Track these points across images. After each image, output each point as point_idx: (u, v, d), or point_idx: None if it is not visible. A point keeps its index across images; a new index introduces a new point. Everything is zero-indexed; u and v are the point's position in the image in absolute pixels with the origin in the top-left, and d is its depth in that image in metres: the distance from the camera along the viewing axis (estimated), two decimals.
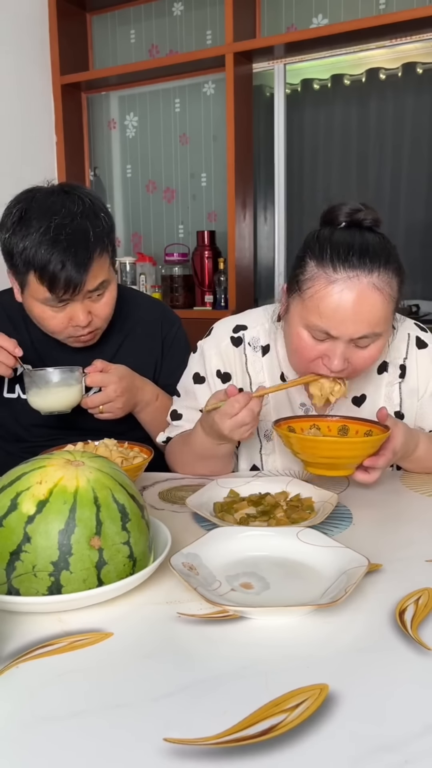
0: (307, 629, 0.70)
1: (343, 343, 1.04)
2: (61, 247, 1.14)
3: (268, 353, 1.23)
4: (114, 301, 1.28)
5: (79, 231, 1.16)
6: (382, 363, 1.22)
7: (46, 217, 1.15)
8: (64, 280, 1.15)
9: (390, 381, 1.23)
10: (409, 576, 0.81)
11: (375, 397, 1.23)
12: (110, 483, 0.76)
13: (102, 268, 1.21)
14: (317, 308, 1.03)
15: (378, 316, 1.03)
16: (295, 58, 2.92)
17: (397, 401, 1.23)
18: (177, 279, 3.13)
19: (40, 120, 3.21)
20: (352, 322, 1.02)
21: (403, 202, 2.88)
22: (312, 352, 1.07)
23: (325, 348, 1.06)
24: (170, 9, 3.16)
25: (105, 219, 1.22)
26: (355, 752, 0.53)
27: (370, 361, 1.09)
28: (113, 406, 1.25)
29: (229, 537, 0.87)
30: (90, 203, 1.21)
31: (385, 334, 1.08)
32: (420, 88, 2.78)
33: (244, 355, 1.24)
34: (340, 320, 1.02)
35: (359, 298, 1.01)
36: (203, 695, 0.60)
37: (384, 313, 1.03)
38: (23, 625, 0.71)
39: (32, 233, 1.15)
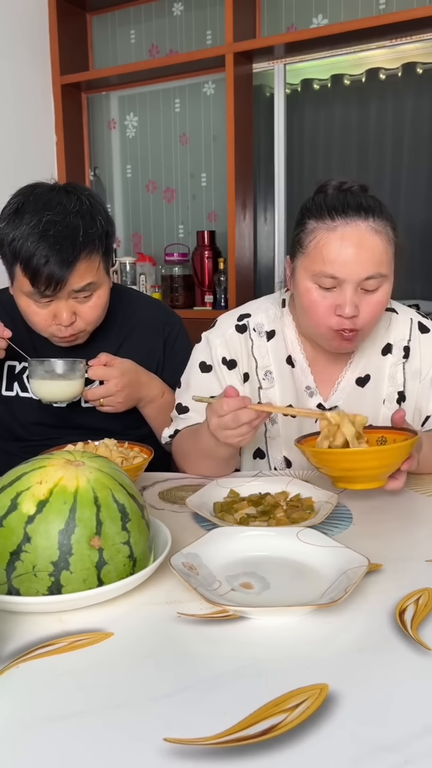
0: (307, 629, 0.70)
1: (351, 287, 1.08)
2: (48, 242, 1.15)
3: (274, 338, 1.26)
4: (103, 307, 1.27)
5: (70, 229, 1.16)
6: (387, 345, 1.24)
7: (39, 212, 1.16)
8: (46, 275, 1.15)
9: (394, 362, 1.24)
10: (409, 576, 0.81)
11: (378, 378, 1.24)
12: (110, 483, 0.76)
13: (89, 270, 1.20)
14: (321, 255, 1.08)
15: (380, 256, 1.07)
16: (295, 58, 2.92)
17: (401, 381, 1.24)
18: (177, 279, 3.13)
19: (40, 120, 3.20)
20: (357, 263, 1.06)
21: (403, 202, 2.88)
22: (323, 305, 1.10)
23: (334, 298, 1.10)
24: (170, 9, 3.16)
25: (101, 222, 1.22)
26: (355, 752, 0.53)
27: (379, 307, 1.11)
28: (114, 400, 1.25)
29: (229, 537, 0.87)
30: (89, 204, 1.21)
31: (389, 277, 1.11)
32: (420, 88, 2.78)
33: (250, 340, 1.26)
34: (344, 262, 1.06)
35: (360, 239, 1.06)
36: (203, 695, 0.60)
37: (386, 255, 1.08)
38: (23, 625, 0.71)
39: (23, 226, 1.16)
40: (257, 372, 1.25)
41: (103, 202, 1.28)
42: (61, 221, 1.16)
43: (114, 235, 1.28)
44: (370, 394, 1.23)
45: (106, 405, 1.25)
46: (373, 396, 1.23)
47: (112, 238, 1.27)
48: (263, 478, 1.12)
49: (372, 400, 1.24)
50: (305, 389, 1.24)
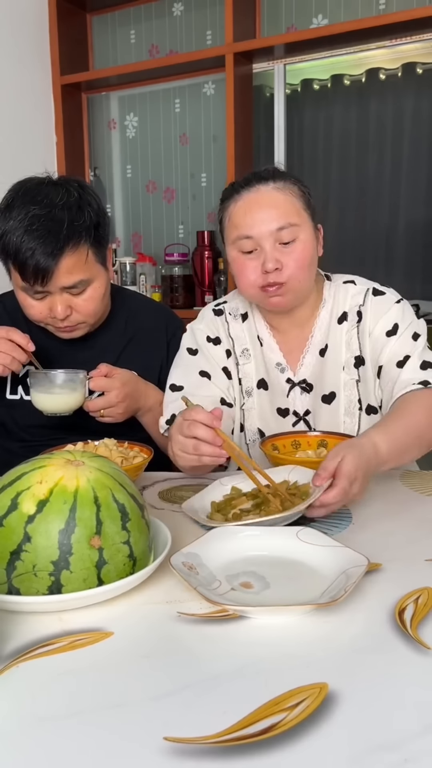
0: (307, 629, 0.70)
1: (268, 242, 1.16)
2: (33, 235, 1.16)
3: (247, 320, 1.34)
4: (100, 299, 1.27)
5: (54, 222, 1.17)
6: (343, 314, 1.28)
7: (26, 206, 1.18)
8: (32, 267, 1.17)
9: (349, 328, 1.28)
10: (408, 575, 0.81)
11: (336, 345, 1.28)
12: (110, 483, 0.76)
13: (78, 262, 1.20)
14: (233, 223, 1.20)
15: (285, 208, 1.16)
16: (295, 58, 2.92)
17: (356, 346, 1.27)
18: (177, 279, 3.13)
19: (40, 120, 3.20)
20: (263, 218, 1.16)
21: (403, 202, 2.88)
22: (248, 267, 1.19)
23: (257, 258, 1.17)
24: (170, 9, 3.16)
25: (90, 213, 1.22)
26: (354, 751, 0.53)
27: (301, 257, 1.18)
28: (114, 411, 1.25)
29: (229, 537, 0.87)
30: (77, 196, 1.22)
31: (304, 227, 1.18)
32: (420, 88, 2.78)
33: (226, 323, 1.35)
34: (252, 221, 1.16)
35: (261, 199, 1.17)
36: (203, 694, 0.60)
37: (291, 206, 1.17)
38: (23, 624, 0.71)
39: (11, 220, 1.18)
40: (235, 350, 1.33)
41: (96, 193, 1.28)
42: (46, 215, 1.17)
43: (107, 225, 1.28)
44: (330, 362, 1.28)
45: (107, 416, 1.26)
46: (332, 363, 1.28)
47: (105, 228, 1.27)
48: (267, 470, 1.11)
49: (332, 367, 1.28)
50: (276, 365, 1.31)
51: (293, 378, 1.30)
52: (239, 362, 1.33)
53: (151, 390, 1.34)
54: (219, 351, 1.32)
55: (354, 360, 1.27)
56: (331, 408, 1.28)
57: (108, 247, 1.31)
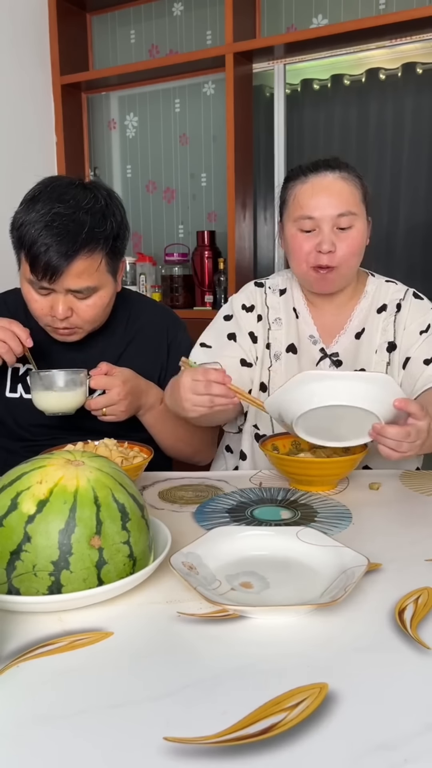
0: (307, 628, 0.70)
1: (327, 225, 1.24)
2: (52, 232, 1.16)
3: (285, 294, 1.43)
4: (102, 308, 1.27)
5: (76, 223, 1.17)
6: (383, 305, 1.37)
7: (51, 203, 1.18)
8: (44, 263, 1.17)
9: (387, 316, 1.36)
10: (408, 575, 0.81)
11: (372, 330, 1.36)
12: (110, 483, 0.76)
13: (88, 271, 1.20)
14: (299, 203, 1.27)
15: (348, 197, 1.25)
16: (295, 58, 2.91)
17: (391, 333, 1.35)
18: (177, 279, 3.13)
19: (40, 120, 3.20)
20: (328, 203, 1.24)
21: (403, 202, 2.88)
22: (305, 245, 1.27)
23: (315, 238, 1.26)
24: (170, 9, 3.16)
25: (112, 223, 1.22)
26: (354, 751, 0.53)
27: (355, 243, 1.27)
28: (116, 409, 1.25)
29: (229, 537, 0.88)
30: (104, 204, 1.22)
31: (361, 217, 1.27)
32: (420, 88, 2.78)
33: (265, 294, 1.43)
34: (317, 204, 1.24)
35: (329, 185, 1.25)
36: (203, 694, 0.60)
37: (354, 196, 1.26)
38: (23, 624, 0.71)
39: (33, 213, 1.18)
40: (269, 316, 1.40)
41: (122, 205, 1.28)
42: (69, 215, 1.17)
43: (126, 239, 1.28)
44: (365, 344, 1.36)
45: (109, 414, 1.25)
46: (367, 346, 1.36)
47: (123, 241, 1.27)
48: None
49: (366, 349, 1.36)
50: (309, 337, 1.38)
51: (326, 350, 1.37)
52: (271, 327, 1.40)
53: (151, 388, 1.34)
54: (250, 317, 1.40)
55: (387, 344, 1.35)
56: None
57: (122, 259, 1.31)
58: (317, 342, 1.38)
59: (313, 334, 1.38)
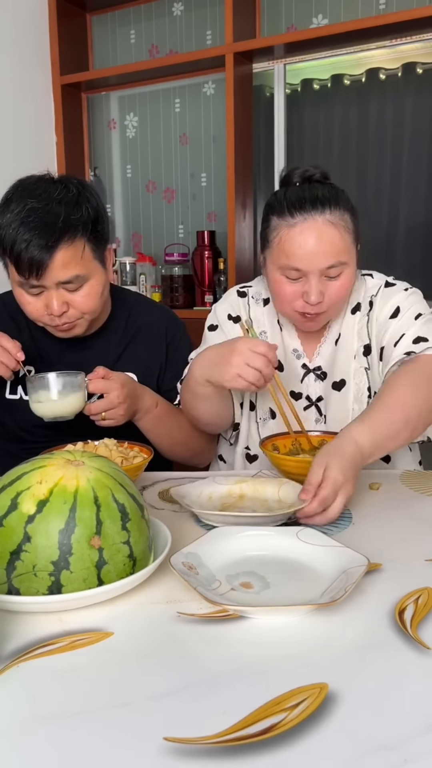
0: (307, 629, 0.70)
1: (315, 276, 1.18)
2: (29, 227, 1.16)
3: (268, 304, 1.38)
4: (97, 296, 1.26)
5: (50, 215, 1.17)
6: (357, 304, 1.32)
7: (24, 200, 1.18)
8: (27, 259, 1.16)
9: (360, 317, 1.32)
10: (408, 575, 0.81)
11: (348, 335, 1.32)
12: (110, 483, 0.76)
13: (73, 259, 1.19)
14: (284, 251, 1.18)
15: (338, 246, 1.17)
16: (295, 58, 2.91)
17: (365, 334, 1.30)
18: (177, 279, 3.13)
19: (40, 120, 3.20)
20: (316, 255, 1.16)
21: (403, 202, 2.88)
22: (290, 292, 1.21)
23: (300, 286, 1.20)
24: (170, 9, 3.16)
25: (88, 209, 1.21)
26: (354, 751, 0.53)
27: (343, 290, 1.22)
28: (116, 412, 1.24)
29: (229, 537, 0.88)
30: (75, 192, 1.21)
31: (351, 263, 1.21)
32: (420, 88, 2.78)
33: (248, 305, 1.39)
34: (304, 256, 1.17)
35: (317, 233, 1.16)
36: (203, 694, 0.60)
37: (343, 244, 1.18)
38: (23, 624, 0.71)
39: (8, 214, 1.18)
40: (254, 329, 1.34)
41: (96, 191, 1.27)
42: (42, 208, 1.17)
43: (106, 223, 1.27)
44: (342, 350, 1.32)
45: (109, 418, 1.25)
46: (344, 352, 1.31)
47: (103, 225, 1.26)
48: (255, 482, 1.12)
49: (343, 356, 1.32)
50: (293, 351, 1.35)
51: (309, 364, 1.34)
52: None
53: (147, 393, 1.33)
54: (237, 328, 1.35)
55: (363, 348, 1.31)
56: (341, 395, 1.31)
57: (108, 247, 1.30)
58: (301, 356, 1.34)
59: (297, 348, 1.35)
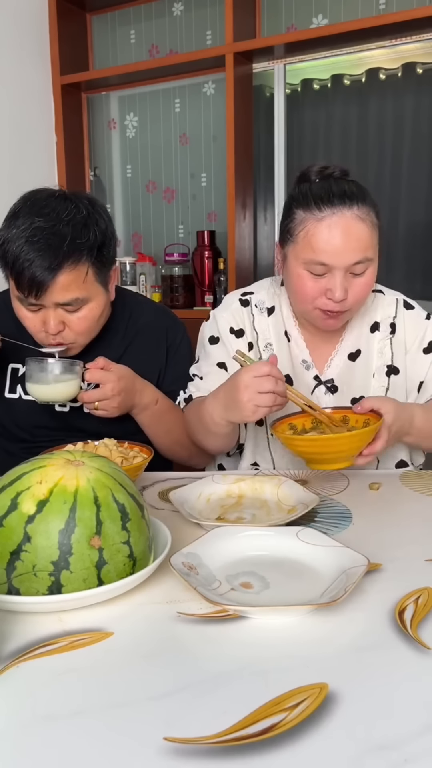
0: (307, 629, 0.70)
1: (341, 272, 1.15)
2: (33, 247, 1.15)
3: (273, 314, 1.33)
4: (95, 320, 1.26)
5: (57, 236, 1.15)
6: (374, 323, 1.31)
7: (31, 217, 1.17)
8: (28, 279, 1.16)
9: (382, 338, 1.31)
10: (408, 575, 0.81)
11: (368, 352, 1.31)
12: (110, 483, 0.76)
13: (75, 283, 1.18)
14: (311, 245, 1.15)
15: (366, 242, 1.15)
16: (295, 58, 2.91)
17: (389, 355, 1.30)
18: (177, 279, 3.13)
19: (40, 120, 3.20)
20: (345, 250, 1.13)
21: (403, 202, 2.88)
22: (313, 289, 1.18)
23: (325, 282, 1.16)
24: (170, 9, 3.16)
25: (96, 232, 1.20)
26: (354, 751, 0.53)
27: (367, 288, 1.20)
28: (109, 404, 1.24)
29: (229, 537, 0.87)
30: (85, 214, 1.20)
31: (375, 260, 1.18)
32: (420, 88, 2.78)
33: (252, 315, 1.34)
34: (332, 251, 1.13)
35: (347, 228, 1.13)
36: (203, 695, 0.60)
37: (371, 239, 1.16)
38: (23, 624, 0.71)
39: (15, 229, 1.17)
40: (258, 344, 1.32)
41: (107, 213, 1.25)
42: (49, 228, 1.15)
43: (113, 246, 1.26)
44: (361, 367, 1.30)
45: (101, 409, 1.25)
46: (363, 369, 1.30)
47: (110, 249, 1.24)
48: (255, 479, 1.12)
49: (363, 372, 1.31)
50: (301, 362, 1.32)
51: (320, 376, 1.31)
52: (262, 357, 1.32)
53: (147, 388, 1.33)
54: (240, 343, 1.32)
55: (386, 368, 1.30)
56: None
57: (113, 268, 1.29)
58: (310, 367, 1.31)
59: (306, 359, 1.31)
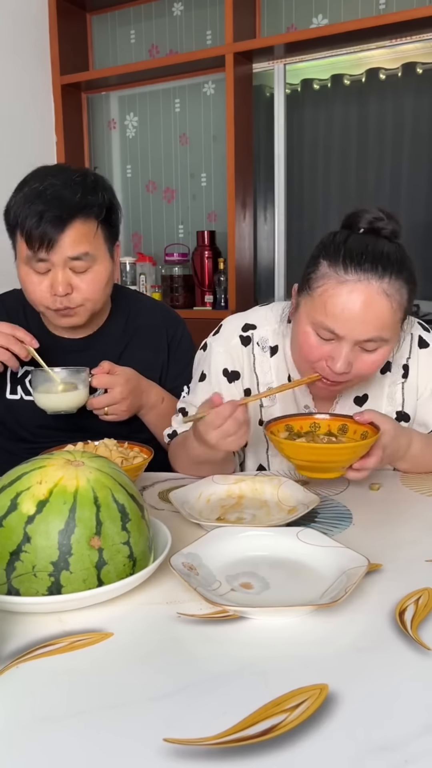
0: (307, 629, 0.70)
1: (349, 345, 1.04)
2: (45, 200, 1.17)
3: (276, 354, 1.23)
4: (103, 284, 1.26)
5: (68, 190, 1.18)
6: (386, 363, 1.21)
7: (40, 180, 1.20)
8: (39, 233, 1.17)
9: (393, 381, 1.22)
10: (409, 576, 0.81)
11: (377, 397, 1.22)
12: (110, 483, 0.76)
13: (86, 237, 1.20)
14: (324, 306, 1.03)
15: (385, 321, 1.03)
16: (295, 58, 2.92)
17: (399, 401, 1.22)
18: (177, 279, 3.13)
19: (40, 120, 3.20)
20: (359, 323, 1.02)
21: (403, 202, 2.88)
22: (317, 351, 1.08)
23: (330, 349, 1.06)
24: (170, 9, 3.16)
25: (104, 196, 1.23)
26: (354, 752, 0.53)
27: (374, 366, 1.09)
28: (118, 408, 1.24)
29: (229, 537, 0.87)
30: (92, 180, 1.23)
31: (392, 341, 1.07)
32: (420, 88, 2.78)
33: (253, 355, 1.23)
34: (345, 320, 1.02)
35: (368, 300, 1.01)
36: (203, 695, 0.60)
37: (392, 320, 1.04)
38: (23, 625, 0.71)
39: (24, 191, 1.19)
40: (258, 389, 1.23)
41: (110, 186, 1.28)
42: (60, 184, 1.19)
43: (119, 213, 1.28)
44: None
45: (111, 413, 1.25)
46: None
47: (116, 214, 1.27)
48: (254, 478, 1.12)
49: None
50: (304, 407, 1.23)
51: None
52: (263, 403, 1.24)
53: (153, 388, 1.33)
54: (234, 388, 1.22)
55: (396, 415, 1.22)
56: None
57: (116, 243, 1.31)
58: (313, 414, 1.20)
59: (308, 404, 1.22)
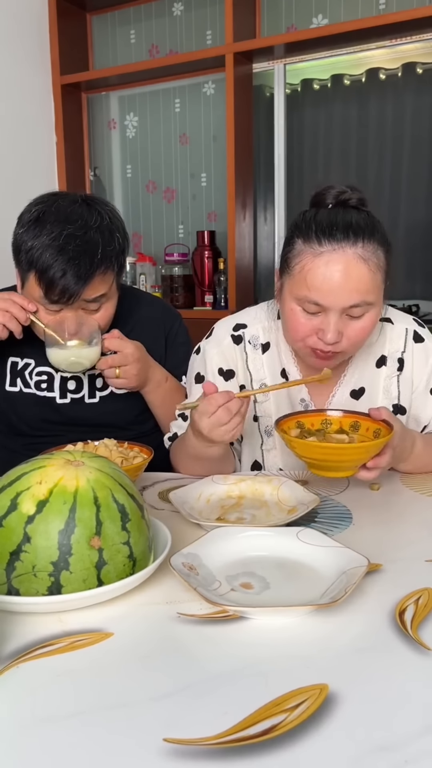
0: (307, 629, 0.70)
1: (335, 314, 1.06)
2: (67, 256, 1.15)
3: (268, 351, 1.25)
4: (110, 317, 1.28)
5: (90, 244, 1.17)
6: (381, 357, 1.23)
7: (60, 224, 1.17)
8: (61, 287, 1.16)
9: (389, 374, 1.23)
10: (409, 576, 0.81)
11: (373, 391, 1.23)
12: (110, 483, 0.76)
13: (102, 284, 1.21)
14: (305, 281, 1.05)
15: (366, 285, 1.05)
16: (295, 58, 2.92)
17: (395, 394, 1.23)
18: (177, 279, 3.13)
19: (40, 120, 3.20)
20: (341, 291, 1.04)
21: (403, 202, 2.88)
22: (305, 327, 1.09)
23: (318, 322, 1.08)
24: (170, 9, 3.16)
25: (119, 239, 1.23)
26: (354, 752, 0.53)
27: (364, 333, 1.10)
28: (129, 371, 1.25)
29: (229, 537, 0.87)
30: (108, 220, 1.22)
31: (377, 304, 1.09)
32: (420, 88, 2.78)
33: (245, 353, 1.25)
34: (328, 290, 1.04)
35: (345, 268, 1.03)
36: (203, 695, 0.60)
37: (373, 283, 1.05)
38: (23, 625, 0.71)
39: (43, 236, 1.16)
40: (252, 385, 1.25)
41: (120, 216, 1.28)
42: (81, 236, 1.17)
43: (127, 251, 1.29)
44: (365, 406, 1.18)
45: (122, 377, 1.25)
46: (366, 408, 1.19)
47: (127, 254, 1.28)
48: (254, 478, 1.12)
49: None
50: (300, 401, 1.24)
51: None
52: (257, 399, 1.25)
53: (158, 366, 1.35)
54: (230, 385, 1.24)
55: (392, 408, 1.23)
56: None
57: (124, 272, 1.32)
58: (309, 407, 1.23)
59: (304, 398, 1.23)
